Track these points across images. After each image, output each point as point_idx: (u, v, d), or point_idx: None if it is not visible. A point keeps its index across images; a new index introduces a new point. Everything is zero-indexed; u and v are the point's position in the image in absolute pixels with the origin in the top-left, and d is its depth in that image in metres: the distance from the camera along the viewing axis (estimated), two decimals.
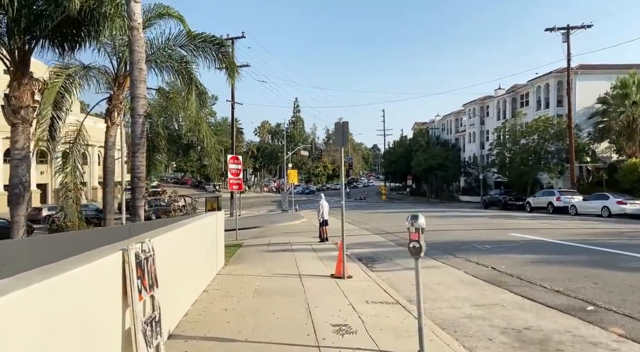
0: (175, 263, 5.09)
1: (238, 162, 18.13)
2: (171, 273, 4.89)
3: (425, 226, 4.93)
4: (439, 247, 12.47)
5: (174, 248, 5.11)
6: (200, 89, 13.99)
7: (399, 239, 15.21)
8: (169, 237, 4.89)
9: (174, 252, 5.08)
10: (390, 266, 10.26)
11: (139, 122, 11.95)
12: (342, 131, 8.12)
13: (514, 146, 36.92)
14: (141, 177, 11.94)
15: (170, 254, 4.93)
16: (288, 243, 14.70)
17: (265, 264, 9.98)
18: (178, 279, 5.24)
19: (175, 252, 5.14)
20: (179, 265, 5.32)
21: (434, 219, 23.13)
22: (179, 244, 5.41)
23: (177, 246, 5.28)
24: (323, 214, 14.59)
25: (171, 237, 4.99)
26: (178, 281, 5.24)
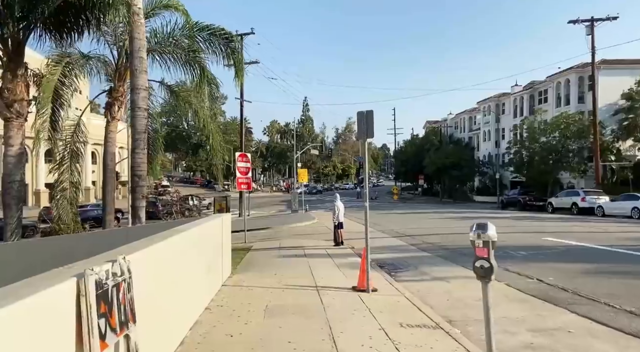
0: (167, 281, 4.05)
1: (247, 160, 17.11)
2: (162, 293, 3.85)
3: (496, 238, 3.76)
4: (468, 254, 11.23)
5: (166, 262, 4.07)
6: (212, 80, 12.98)
7: (420, 242, 14.06)
8: (159, 249, 3.84)
9: (166, 267, 4.04)
10: (416, 275, 9.13)
11: (139, 116, 10.96)
12: (367, 121, 7.02)
13: (534, 144, 35.40)
14: (142, 176, 10.95)
15: (161, 270, 3.89)
16: (300, 247, 13.64)
17: (277, 273, 8.92)
18: (172, 299, 4.19)
19: (167, 267, 4.10)
20: (173, 282, 4.28)
21: (453, 221, 21.92)
22: (174, 256, 4.37)
23: (170, 258, 4.24)
24: (338, 216, 13.49)
25: (162, 249, 3.95)
26: (171, 302, 4.20)
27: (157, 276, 3.73)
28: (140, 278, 3.14)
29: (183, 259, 4.76)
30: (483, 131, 55.09)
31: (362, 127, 7.04)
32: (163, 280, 3.91)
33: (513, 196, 35.86)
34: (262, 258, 11.41)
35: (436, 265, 10.05)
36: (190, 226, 5.78)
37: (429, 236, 15.37)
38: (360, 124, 7.08)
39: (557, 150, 34.22)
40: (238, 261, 10.72)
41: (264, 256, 11.80)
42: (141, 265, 3.24)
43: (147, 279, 3.42)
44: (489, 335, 3.67)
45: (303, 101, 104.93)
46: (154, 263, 3.69)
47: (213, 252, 6.71)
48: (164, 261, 4.03)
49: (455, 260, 10.54)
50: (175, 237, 4.44)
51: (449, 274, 8.94)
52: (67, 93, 11.99)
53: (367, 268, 7.09)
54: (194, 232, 5.43)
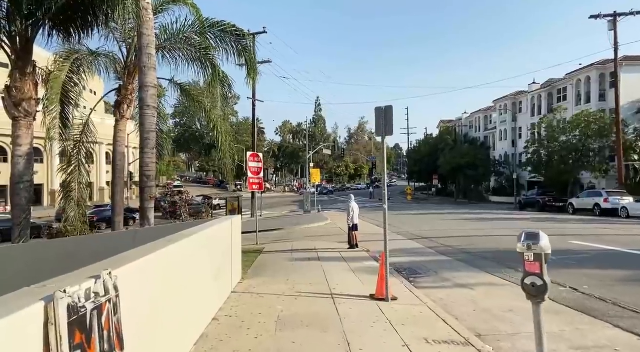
0: (169, 292, 3.63)
1: (259, 160, 16.74)
2: (163, 308, 3.43)
3: (550, 250, 3.26)
4: (490, 258, 10.71)
5: (168, 271, 3.65)
6: (224, 80, 12.61)
7: (438, 245, 13.48)
8: (160, 258, 3.42)
9: (168, 278, 3.62)
10: (437, 281, 8.59)
11: (148, 114, 10.66)
12: (385, 117, 6.52)
13: (553, 143, 34.36)
14: (150, 176, 10.65)
15: (162, 282, 3.47)
16: (314, 249, 13.19)
17: (290, 278, 8.47)
18: (174, 313, 3.77)
19: (170, 277, 3.68)
20: (176, 293, 3.86)
21: (470, 222, 21.23)
22: (178, 264, 3.95)
23: (173, 267, 3.83)
24: (353, 218, 12.99)
25: (163, 257, 3.53)
26: (174, 315, 3.78)
27: (156, 288, 3.31)
28: (134, 294, 2.72)
29: (189, 267, 4.34)
30: (499, 130, 53.96)
31: (381, 124, 6.55)
32: (164, 292, 3.50)
33: (532, 197, 34.86)
34: (274, 261, 10.99)
35: (457, 270, 9.49)
36: (198, 229, 5.37)
37: (446, 239, 14.77)
38: (378, 121, 6.59)
39: (578, 149, 33.17)
40: (249, 265, 10.32)
41: (276, 259, 11.38)
42: (135, 279, 2.82)
43: (144, 294, 3.00)
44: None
45: (315, 101, 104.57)
46: (153, 274, 3.27)
47: (222, 257, 6.30)
48: (166, 271, 3.61)
49: (477, 265, 9.96)
50: (181, 243, 4.02)
51: (472, 280, 8.39)
52: (76, 90, 11.73)
53: (386, 275, 6.59)
54: (201, 236, 5.01)
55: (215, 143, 14.44)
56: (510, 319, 5.88)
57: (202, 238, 5.14)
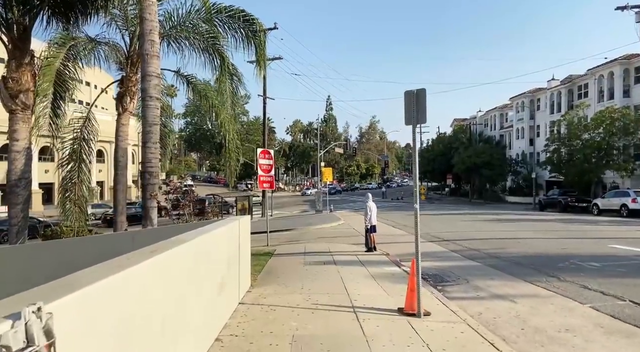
0: (150, 319, 2.77)
1: (269, 157, 15.90)
2: (145, 335, 2.57)
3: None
4: (526, 264, 9.68)
5: (148, 292, 2.79)
6: (234, 73, 11.78)
7: (463, 249, 12.48)
8: (130, 279, 2.54)
9: (148, 301, 2.76)
10: (470, 291, 7.62)
11: (150, 106, 9.85)
12: (417, 103, 5.59)
13: (575, 141, 32.94)
14: (153, 173, 9.84)
15: (138, 308, 2.60)
16: (328, 252, 12.29)
17: (304, 285, 7.59)
18: (162, 340, 2.91)
19: (151, 300, 2.82)
20: (168, 314, 2.99)
21: (492, 224, 20.11)
22: (164, 281, 3.08)
23: (156, 285, 2.96)
24: (371, 219, 12.06)
25: (136, 277, 2.65)
26: (162, 343, 2.91)
27: (127, 318, 2.44)
28: (86, 336, 1.85)
29: (181, 282, 3.48)
30: (516, 128, 52.41)
31: (411, 111, 5.62)
32: (142, 321, 2.63)
33: (553, 197, 33.44)
34: (286, 265, 10.11)
35: (490, 277, 8.50)
36: (199, 232, 4.51)
37: (470, 241, 13.75)
38: (408, 107, 5.66)
39: (601, 147, 31.71)
40: (259, 269, 9.47)
41: (288, 263, 10.51)
42: (87, 313, 1.95)
43: (104, 330, 2.13)
44: None
45: (326, 100, 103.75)
46: (120, 301, 2.40)
47: (228, 264, 5.43)
48: (145, 292, 2.74)
49: (512, 271, 8.96)
50: (168, 254, 3.15)
51: (511, 290, 7.41)
52: (70, 79, 10.97)
53: (418, 287, 5.66)
54: (201, 241, 4.15)
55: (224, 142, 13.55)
56: (571, 342, 4.91)
57: (203, 244, 4.28)
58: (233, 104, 12.13)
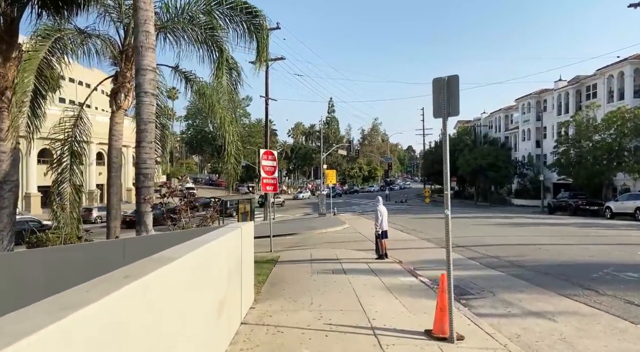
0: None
1: (273, 158, 15.15)
2: None
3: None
4: (555, 274, 8.87)
5: (131, 328, 2.01)
6: (233, 66, 11.02)
7: (480, 256, 11.67)
8: (107, 310, 1.77)
9: (140, 330, 1.98)
10: (498, 306, 6.81)
11: (145, 102, 9.11)
12: (448, 91, 4.81)
13: (586, 142, 32.10)
14: (148, 175, 9.08)
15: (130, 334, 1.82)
16: (336, 259, 11.50)
17: (314, 300, 6.79)
18: None
19: (146, 327, 2.04)
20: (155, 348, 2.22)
21: (505, 228, 19.26)
22: (151, 311, 2.31)
23: (143, 317, 2.19)
24: (382, 223, 11.27)
25: (117, 307, 1.87)
26: None
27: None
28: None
29: (175, 310, 2.71)
30: (522, 130, 51.58)
31: (441, 101, 4.84)
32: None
33: (563, 199, 32.57)
34: (292, 275, 9.32)
35: (519, 290, 7.70)
36: (195, 245, 3.74)
37: (486, 247, 12.94)
38: (437, 97, 4.88)
39: (612, 149, 30.86)
40: (263, 280, 8.68)
41: (294, 272, 9.71)
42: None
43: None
44: None
45: (328, 102, 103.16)
46: (117, 325, 1.62)
47: (228, 279, 4.65)
48: (122, 331, 1.96)
49: (540, 282, 8.15)
50: (159, 273, 2.39)
51: (546, 306, 6.61)
52: (54, 75, 10.18)
53: (450, 306, 4.87)
54: (198, 256, 3.38)
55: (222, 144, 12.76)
56: None
57: (198, 260, 3.49)
58: (232, 101, 11.34)
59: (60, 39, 9.96)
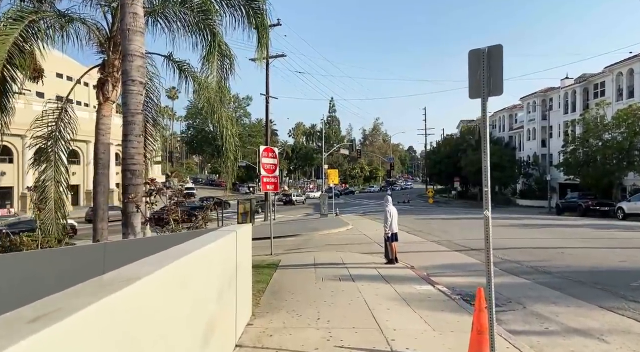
0: None
1: (273, 155, 14.28)
2: None
3: None
4: (588, 282, 7.97)
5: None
6: (225, 51, 10.14)
7: (497, 260, 10.74)
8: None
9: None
10: (531, 321, 5.92)
11: (133, 91, 8.25)
12: (489, 65, 3.94)
13: (596, 141, 31.20)
14: (136, 171, 8.21)
15: None
16: (342, 263, 10.62)
17: (321, 313, 5.91)
18: None
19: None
20: None
21: (520, 230, 18.31)
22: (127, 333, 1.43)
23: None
24: (392, 225, 10.37)
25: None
26: None
27: None
28: None
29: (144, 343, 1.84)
30: (527, 129, 50.65)
31: (480, 77, 3.96)
32: None
33: (572, 200, 31.67)
34: (295, 282, 8.44)
35: (552, 301, 6.81)
36: (175, 255, 2.88)
37: (503, 251, 12.04)
38: (474, 72, 4.00)
39: (623, 148, 29.95)
40: (262, 288, 7.80)
41: (297, 278, 8.83)
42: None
43: None
44: None
45: (329, 102, 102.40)
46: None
47: (220, 294, 3.76)
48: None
49: (573, 292, 7.27)
50: (120, 296, 1.52)
51: (590, 321, 5.72)
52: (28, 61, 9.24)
53: (491, 330, 3.98)
54: (179, 269, 2.52)
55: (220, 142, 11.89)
56: None
57: (179, 274, 2.63)
58: (222, 90, 10.44)
59: (36, 22, 9.05)
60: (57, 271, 6.15)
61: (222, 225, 26.62)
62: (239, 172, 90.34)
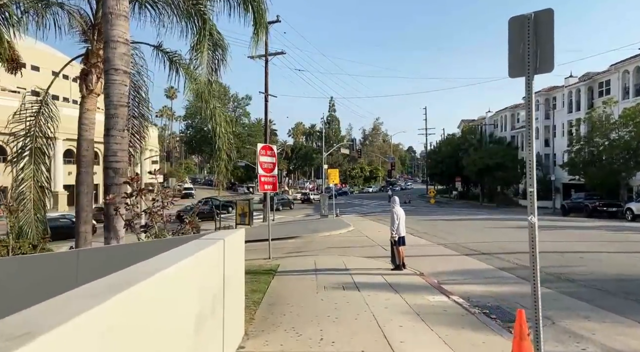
0: None
1: (272, 153, 13.52)
2: None
3: None
4: (618, 292, 7.22)
5: None
6: (217, 39, 9.38)
7: (512, 266, 10.00)
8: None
9: None
10: (565, 340, 5.16)
11: (116, 81, 7.48)
12: (536, 35, 3.17)
13: (603, 139, 30.44)
14: (119, 170, 7.44)
15: None
16: (345, 269, 9.85)
17: (324, 334, 5.14)
18: None
19: None
20: None
21: (525, 232, 17.53)
22: None
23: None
24: (399, 228, 9.59)
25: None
26: None
27: None
28: None
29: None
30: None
31: (523, 50, 3.19)
32: None
33: (578, 200, 30.91)
34: (294, 292, 7.67)
35: (583, 315, 6.05)
36: (138, 276, 2.12)
37: (516, 255, 11.27)
38: (516, 44, 3.24)
39: (631, 147, 29.19)
40: (258, 299, 7.03)
41: (297, 287, 8.07)
42: None
43: None
44: None
45: (329, 101, 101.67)
46: None
47: (197, 326, 2.98)
48: None
49: (603, 304, 6.51)
50: None
51: (633, 341, 4.97)
52: None
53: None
54: (136, 299, 1.78)
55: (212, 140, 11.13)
56: None
57: (136, 309, 1.87)
58: (212, 85, 9.69)
59: (6, 6, 8.24)
60: (25, 282, 5.40)
61: (220, 226, 25.85)
62: (238, 172, 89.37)
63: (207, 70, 9.34)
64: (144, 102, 10.87)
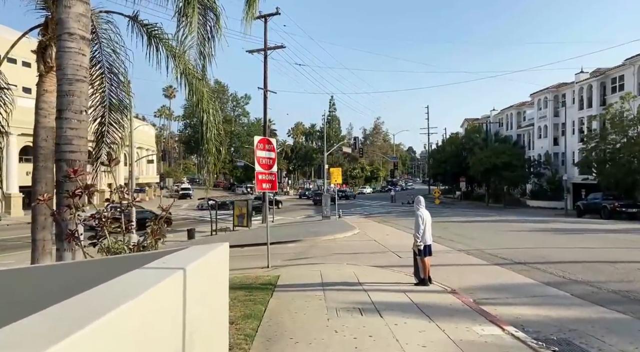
0: None
1: (270, 148, 11.92)
2: None
3: None
4: None
5: None
6: (206, 2, 7.73)
7: (560, 279, 8.34)
8: None
9: None
10: None
11: (71, 49, 5.83)
12: None
13: (619, 137, 28.86)
14: (75, 162, 5.79)
15: None
16: (358, 283, 8.21)
17: None
18: None
19: None
20: None
21: (556, 236, 15.88)
22: None
23: None
24: (424, 235, 7.92)
25: None
26: None
27: None
28: None
29: None
30: (537, 127, 48.24)
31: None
32: None
33: (594, 201, 29.26)
34: (299, 318, 6.02)
35: None
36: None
37: (557, 265, 9.61)
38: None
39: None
40: (252, 329, 5.38)
41: (302, 310, 6.41)
42: None
43: None
44: None
45: (329, 100, 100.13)
46: None
47: None
48: None
49: None
50: None
51: None
52: None
53: None
54: None
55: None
56: None
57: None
58: (202, 58, 8.04)
59: None
60: None
61: (216, 228, 24.17)
62: (237, 172, 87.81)
63: (197, 40, 7.69)
64: (122, 86, 9.25)
